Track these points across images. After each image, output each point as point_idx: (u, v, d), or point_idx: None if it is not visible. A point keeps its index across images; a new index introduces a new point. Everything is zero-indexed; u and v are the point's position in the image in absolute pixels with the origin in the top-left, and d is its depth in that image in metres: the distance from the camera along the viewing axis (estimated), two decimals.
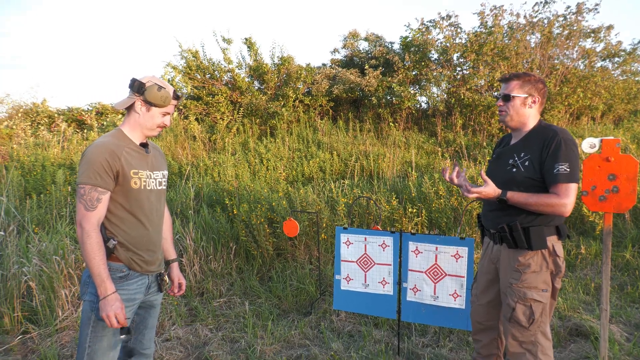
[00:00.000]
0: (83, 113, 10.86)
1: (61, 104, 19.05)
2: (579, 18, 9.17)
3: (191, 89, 10.11)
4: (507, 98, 2.20)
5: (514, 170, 2.17)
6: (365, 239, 3.19)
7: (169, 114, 2.06)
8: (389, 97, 10.17)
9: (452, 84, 9.75)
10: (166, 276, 2.16)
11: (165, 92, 1.99)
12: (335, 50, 13.31)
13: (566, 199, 2.00)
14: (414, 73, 10.40)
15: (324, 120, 10.21)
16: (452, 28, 9.67)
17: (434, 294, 2.96)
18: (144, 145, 2.07)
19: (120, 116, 10.04)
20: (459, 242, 2.88)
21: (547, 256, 2.12)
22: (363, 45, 12.92)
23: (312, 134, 9.47)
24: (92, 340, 1.90)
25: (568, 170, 2.01)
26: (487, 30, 9.25)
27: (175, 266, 2.33)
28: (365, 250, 3.20)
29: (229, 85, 10.45)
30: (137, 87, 1.95)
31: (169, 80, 9.91)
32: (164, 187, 2.15)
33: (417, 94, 10.27)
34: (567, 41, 9.33)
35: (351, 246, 3.25)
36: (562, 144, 2.03)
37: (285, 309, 3.88)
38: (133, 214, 1.96)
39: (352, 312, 3.67)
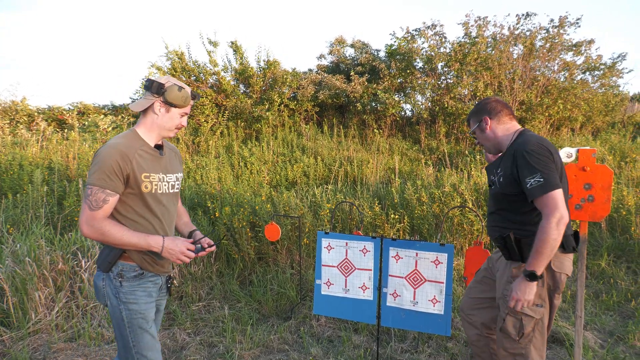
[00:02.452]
0: (64, 112, 10.68)
1: (41, 103, 18.70)
2: (561, 31, 9.38)
3: None
4: (473, 134, 2.34)
5: (493, 187, 2.20)
6: (347, 244, 3.19)
7: (187, 114, 2.03)
8: (373, 104, 10.24)
9: (436, 92, 9.87)
10: (174, 279, 2.11)
11: (185, 93, 1.96)
12: (321, 56, 13.35)
13: (552, 214, 1.88)
14: (399, 81, 10.50)
15: (308, 125, 10.21)
16: (437, 37, 9.81)
17: (414, 299, 2.96)
18: (159, 147, 2.02)
19: (102, 116, 9.91)
20: (439, 248, 2.89)
21: (545, 271, 2.03)
22: (349, 52, 13.00)
23: (297, 138, 9.46)
24: (134, 339, 1.93)
25: (541, 180, 1.91)
26: (471, 41, 9.40)
27: (197, 232, 2.25)
28: (346, 255, 3.19)
29: (214, 88, 10.39)
30: (156, 87, 1.91)
31: None
32: (177, 190, 2.11)
33: (401, 102, 10.36)
34: (549, 54, 9.52)
35: (332, 251, 3.24)
36: (525, 156, 1.96)
37: (265, 313, 3.85)
38: (143, 216, 1.92)
39: (332, 317, 3.66)
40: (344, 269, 3.21)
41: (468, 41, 9.44)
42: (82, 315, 3.58)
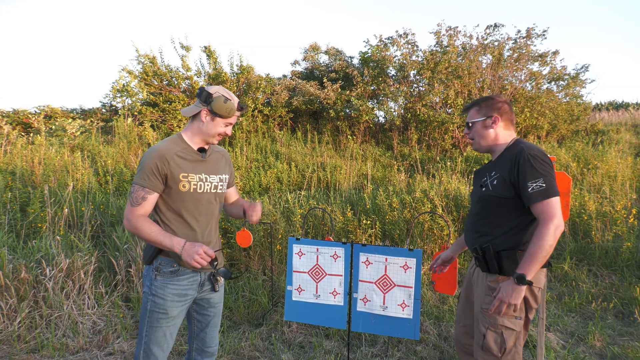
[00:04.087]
0: (30, 116, 10.36)
1: (6, 106, 18.10)
2: (528, 42, 9.72)
3: (147, 95, 9.86)
4: (468, 126, 2.24)
5: (483, 189, 2.12)
6: (317, 249, 3.21)
7: (231, 124, 2.14)
8: (347, 111, 10.33)
9: (409, 99, 10.04)
10: (220, 276, 2.20)
11: (231, 104, 2.06)
12: (295, 62, 13.39)
13: (551, 220, 1.87)
14: (372, 88, 10.63)
15: (282, 131, 10.22)
16: (409, 46, 9.99)
17: (383, 304, 3.00)
18: (202, 150, 2.14)
19: (70, 120, 9.68)
20: (408, 253, 2.93)
21: None
22: (323, 59, 13.08)
23: (271, 144, 9.47)
24: (148, 330, 2.06)
25: (543, 185, 1.90)
26: (442, 50, 9.62)
27: (247, 203, 2.34)
28: (317, 261, 3.21)
29: (187, 93, 10.28)
30: (205, 97, 2.04)
31: (124, 86, 9.64)
32: (221, 191, 2.22)
33: (374, 108, 10.50)
34: (516, 63, 9.86)
35: (303, 257, 3.25)
36: (529, 159, 1.94)
37: (237, 320, 3.83)
38: (180, 215, 2.05)
39: (304, 323, 3.67)
40: (314, 275, 3.23)
41: (439, 50, 9.66)
42: (46, 325, 3.48)
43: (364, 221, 5.03)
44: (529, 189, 1.91)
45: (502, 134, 2.17)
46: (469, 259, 4.95)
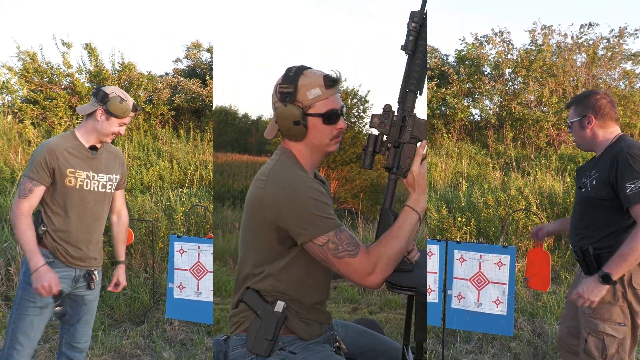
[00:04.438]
0: None
1: None
2: (621, 42, 9.42)
3: (27, 92, 9.73)
4: (569, 126, 2.16)
5: (583, 190, 2.02)
6: (199, 247, 3.25)
7: (125, 124, 2.16)
8: (442, 109, 10.60)
9: (504, 97, 10.13)
10: (95, 274, 2.21)
11: (126, 105, 2.08)
12: (177, 60, 13.10)
13: None
14: (467, 86, 10.70)
15: (164, 129, 10.04)
16: (504, 44, 10.08)
17: (478, 301, 3.03)
18: (94, 148, 2.14)
19: None
20: (502, 250, 3.01)
21: (626, 286, 1.88)
22: (206, 56, 12.64)
23: (153, 142, 9.26)
24: (16, 317, 2.06)
25: None
26: (537, 48, 9.62)
27: (120, 267, 2.46)
28: (199, 259, 3.24)
29: (68, 90, 10.04)
30: (101, 96, 2.05)
31: (3, 82, 9.57)
32: (109, 191, 2.23)
33: (470, 106, 10.62)
34: (610, 62, 9.59)
35: (184, 254, 3.29)
36: (628, 159, 1.81)
37: (118, 318, 3.79)
38: (64, 209, 2.06)
39: (185, 321, 3.67)
40: (196, 273, 3.26)
41: (534, 48, 9.67)
42: None
43: (458, 219, 5.18)
44: (627, 190, 1.79)
45: (601, 132, 2.02)
46: (562, 256, 5.05)
